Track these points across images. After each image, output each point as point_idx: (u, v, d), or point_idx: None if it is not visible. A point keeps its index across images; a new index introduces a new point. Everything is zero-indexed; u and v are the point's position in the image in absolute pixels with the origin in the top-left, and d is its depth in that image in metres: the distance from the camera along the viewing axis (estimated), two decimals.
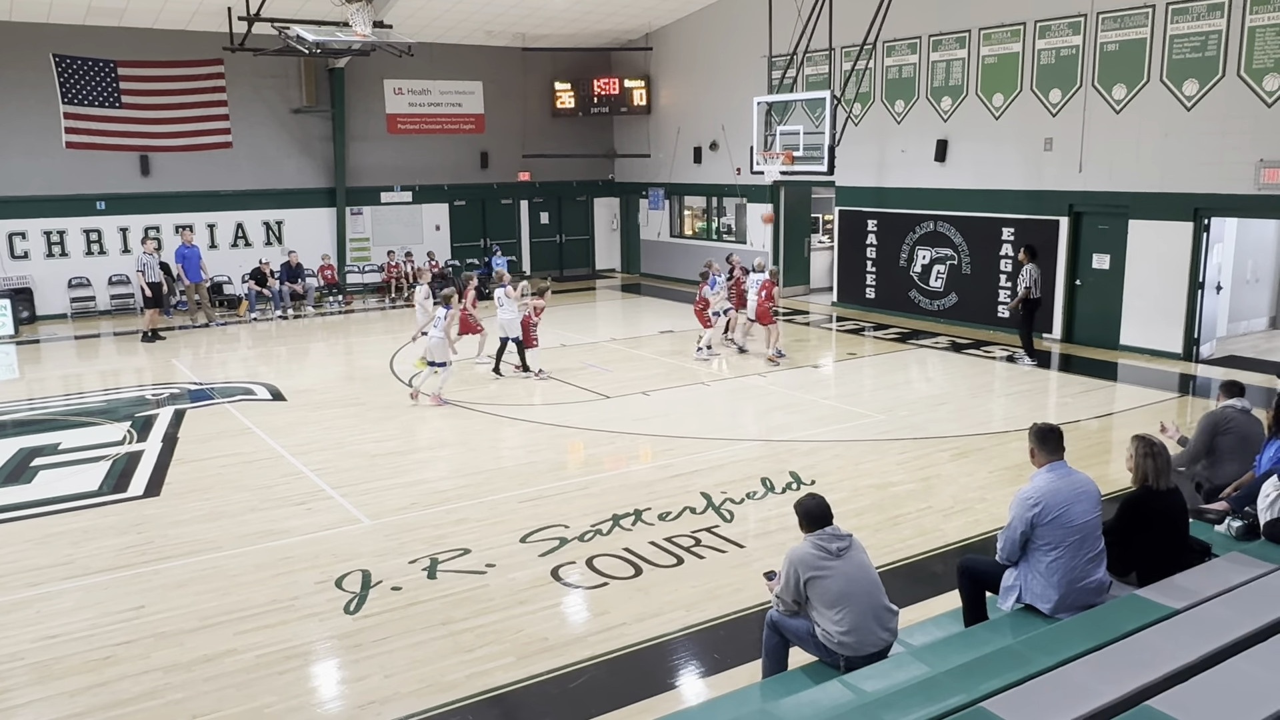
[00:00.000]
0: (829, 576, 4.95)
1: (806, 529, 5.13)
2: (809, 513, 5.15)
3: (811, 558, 5.00)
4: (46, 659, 6.21)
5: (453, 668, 6.02)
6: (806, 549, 5.06)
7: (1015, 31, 16.07)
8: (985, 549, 7.24)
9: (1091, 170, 15.14)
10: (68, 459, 10.52)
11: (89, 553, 7.94)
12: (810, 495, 5.27)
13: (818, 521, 5.10)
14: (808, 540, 5.09)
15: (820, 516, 5.11)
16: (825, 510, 5.13)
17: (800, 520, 5.16)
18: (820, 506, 5.16)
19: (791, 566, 5.06)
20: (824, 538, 5.05)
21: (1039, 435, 5.33)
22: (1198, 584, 5.19)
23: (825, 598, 4.94)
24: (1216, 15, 13.43)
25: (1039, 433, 5.34)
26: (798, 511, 5.19)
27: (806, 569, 4.98)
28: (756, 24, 18.68)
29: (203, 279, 19.41)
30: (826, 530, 5.07)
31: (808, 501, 5.21)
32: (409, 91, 22.96)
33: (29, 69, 18.83)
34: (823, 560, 4.98)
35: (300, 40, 15.31)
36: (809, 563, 4.99)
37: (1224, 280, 15.11)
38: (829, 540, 5.03)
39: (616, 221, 26.60)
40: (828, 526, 5.08)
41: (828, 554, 5.00)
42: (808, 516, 5.14)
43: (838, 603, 4.91)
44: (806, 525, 5.13)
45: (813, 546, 5.04)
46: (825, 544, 5.02)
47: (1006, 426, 11.25)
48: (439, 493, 9.22)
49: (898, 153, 18.31)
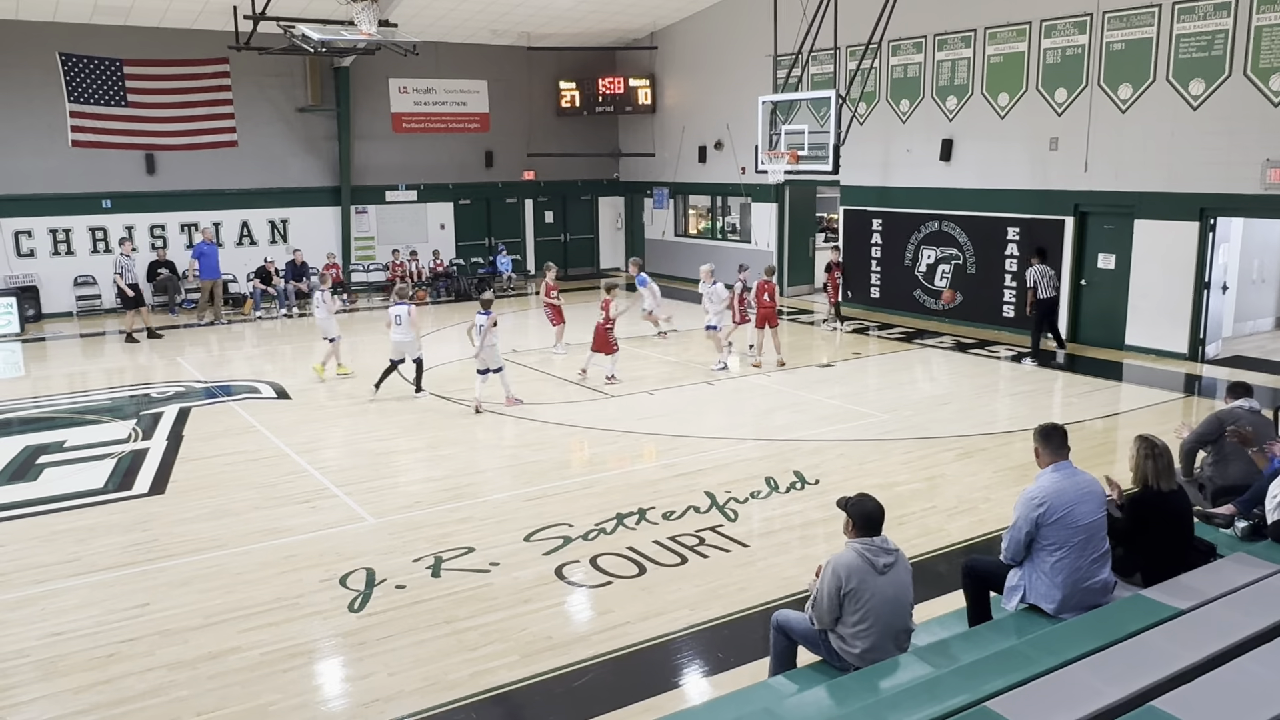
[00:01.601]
0: (869, 591, 4.66)
1: (858, 531, 4.78)
2: (867, 516, 4.78)
3: (858, 566, 4.67)
4: (51, 656, 6.22)
5: (456, 666, 6.02)
6: (853, 557, 4.71)
7: (1021, 31, 16.04)
8: (989, 549, 7.25)
9: (1097, 170, 15.10)
10: (73, 457, 10.54)
11: (94, 550, 7.95)
12: (866, 496, 4.91)
13: (873, 527, 4.77)
14: (854, 547, 4.76)
15: (876, 521, 4.78)
16: (881, 515, 4.81)
17: (852, 522, 4.81)
18: (879, 510, 4.81)
19: (834, 574, 4.69)
20: (872, 549, 4.72)
21: (1044, 435, 5.30)
22: (1203, 584, 5.18)
23: (856, 611, 4.67)
24: (1223, 14, 13.39)
25: (1044, 432, 5.31)
26: (851, 511, 4.83)
27: (850, 577, 4.66)
28: (762, 23, 18.67)
29: (219, 276, 19.45)
30: (876, 541, 4.76)
31: (867, 504, 4.83)
32: (414, 90, 22.98)
33: (35, 67, 18.88)
34: (868, 573, 4.67)
35: (305, 39, 15.33)
36: (854, 571, 4.66)
37: (1230, 280, 15.08)
38: (877, 553, 4.71)
39: (621, 220, 26.60)
40: (878, 535, 4.78)
41: (873, 569, 4.68)
42: (864, 520, 4.78)
43: (865, 619, 4.67)
44: (860, 528, 4.77)
45: (858, 556, 4.71)
46: (873, 556, 4.70)
47: (1011, 427, 11.23)
48: (443, 491, 9.23)
49: (903, 152, 18.29)
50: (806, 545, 7.95)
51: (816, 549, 7.77)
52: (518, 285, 23.77)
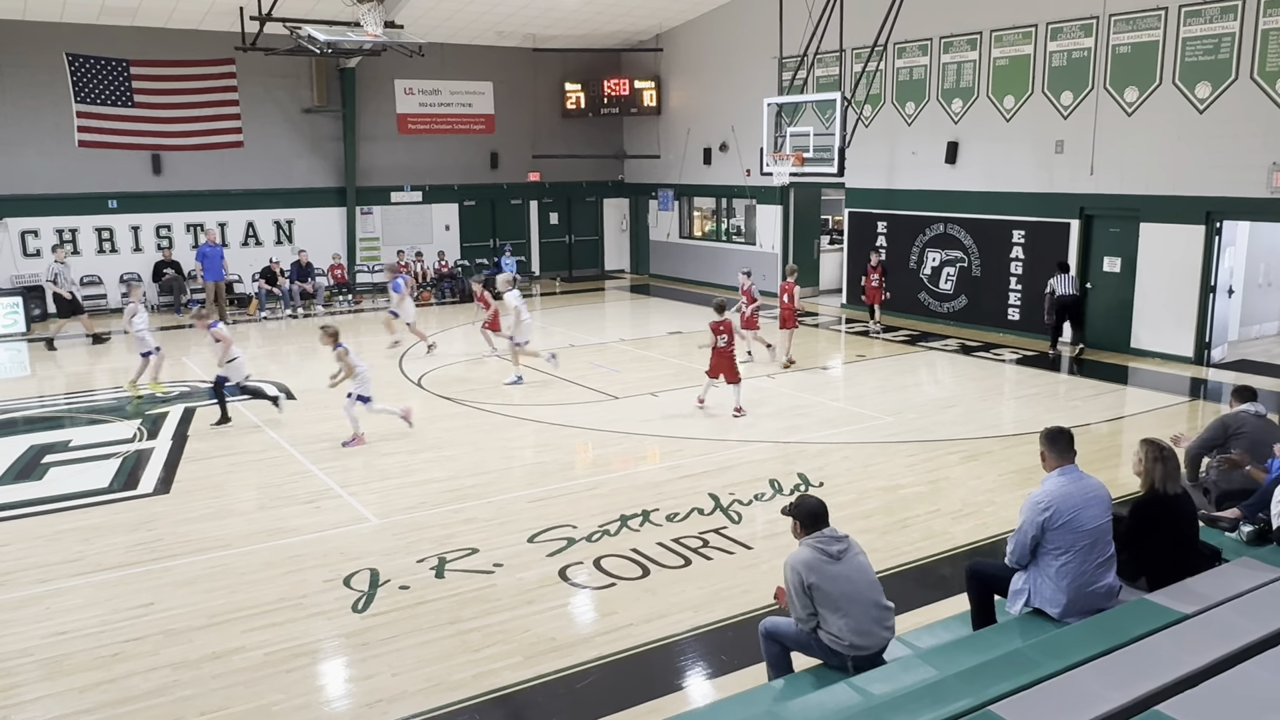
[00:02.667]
0: (831, 579, 4.87)
1: (806, 530, 5.04)
2: (811, 512, 5.06)
3: (814, 560, 4.92)
4: (56, 655, 6.23)
5: (460, 667, 6.02)
6: (806, 552, 4.97)
7: (1027, 33, 16.02)
8: (994, 552, 7.23)
9: (1103, 173, 15.08)
10: (78, 456, 10.56)
11: (99, 550, 7.97)
12: (807, 495, 5.20)
13: (819, 521, 5.02)
14: (806, 543, 5.01)
15: (821, 516, 5.04)
16: (824, 510, 5.07)
17: (800, 521, 5.06)
18: (821, 506, 5.08)
19: (794, 572, 4.94)
20: (823, 540, 4.97)
21: (1050, 438, 5.29)
22: (1208, 589, 5.16)
23: (828, 601, 4.87)
24: (1230, 18, 13.37)
25: (1050, 436, 5.30)
26: (797, 513, 5.09)
27: (810, 572, 4.89)
28: (767, 25, 18.66)
29: (223, 278, 19.47)
30: (825, 532, 5.00)
31: (809, 501, 5.12)
32: (419, 91, 23.01)
33: (42, 68, 18.93)
34: (824, 563, 4.91)
35: (312, 40, 15.34)
36: (811, 565, 4.90)
37: (1236, 284, 15.04)
38: (828, 542, 4.96)
39: (626, 222, 26.61)
40: (825, 528, 5.01)
41: (829, 557, 4.92)
42: (810, 516, 5.05)
43: (841, 605, 4.86)
44: (807, 525, 5.04)
45: (812, 550, 4.95)
46: (825, 546, 4.94)
47: (1016, 430, 11.21)
48: (447, 492, 9.23)
49: (908, 154, 18.27)
50: None
51: None
52: (523, 287, 23.75)
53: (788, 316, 14.47)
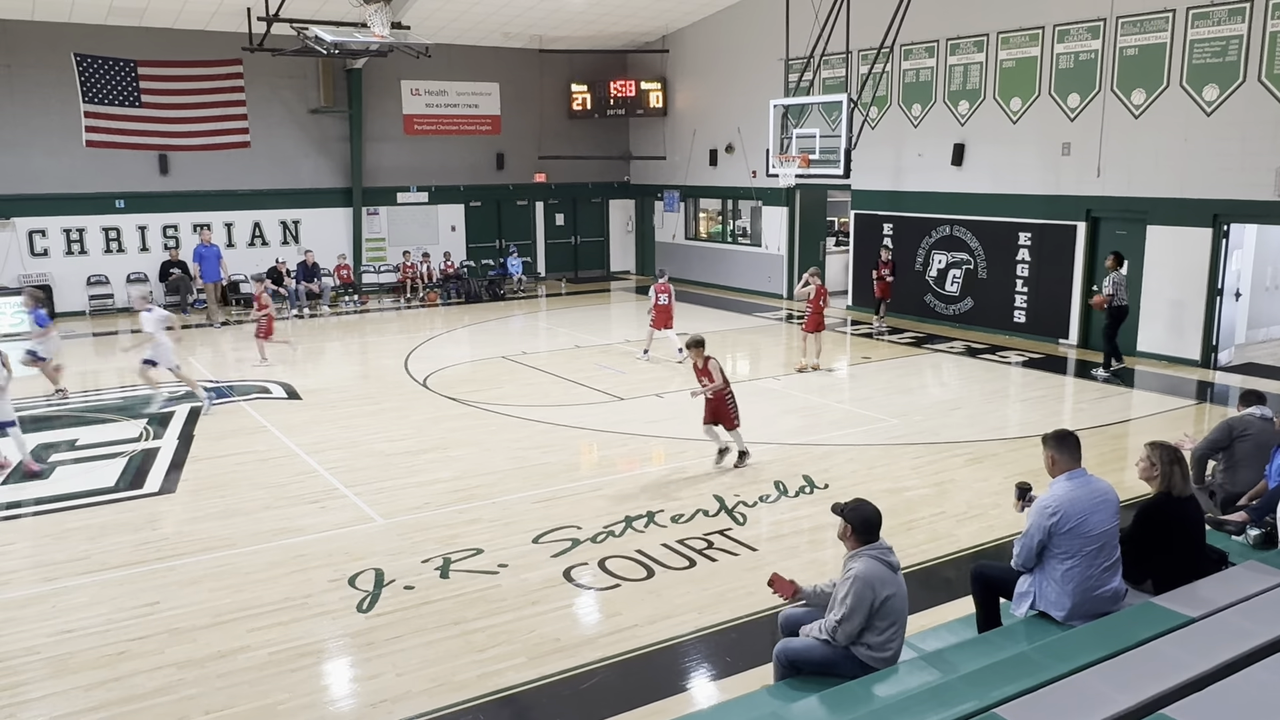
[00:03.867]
0: (894, 595, 4.70)
1: (861, 540, 4.78)
2: (868, 521, 4.79)
3: (885, 574, 4.68)
4: (62, 653, 6.25)
5: (464, 667, 6.03)
6: (877, 566, 4.70)
7: (1034, 35, 16.00)
8: (999, 555, 7.21)
9: (1110, 175, 15.04)
10: (85, 455, 10.60)
11: (105, 548, 7.99)
12: (863, 500, 4.93)
13: (875, 531, 4.80)
14: (869, 555, 4.74)
15: (877, 526, 4.82)
16: (880, 520, 4.85)
17: (854, 529, 4.81)
18: (877, 515, 4.83)
19: (866, 586, 4.65)
20: (883, 552, 4.77)
21: (1057, 442, 5.23)
22: (1214, 592, 5.15)
23: (891, 614, 4.68)
24: (1237, 20, 13.33)
25: (1057, 439, 5.24)
26: (852, 518, 4.82)
27: (884, 586, 4.64)
28: (773, 27, 18.64)
29: (220, 278, 19.51)
30: (882, 543, 4.80)
31: (867, 509, 4.82)
32: (426, 92, 23.04)
33: (50, 68, 18.99)
34: (890, 577, 4.70)
35: (318, 41, 15.38)
36: (884, 580, 4.66)
37: (1243, 287, 14.99)
38: (888, 554, 4.77)
39: (631, 223, 26.61)
40: (876, 540, 4.81)
41: (891, 569, 4.73)
42: (867, 525, 4.79)
43: (895, 622, 4.71)
44: (863, 535, 4.78)
45: (877, 563, 4.71)
46: (887, 558, 4.75)
47: (1021, 432, 11.19)
48: (452, 492, 9.24)
49: (914, 156, 18.25)
50: (815, 549, 7.93)
51: (825, 553, 7.75)
52: (528, 287, 23.80)
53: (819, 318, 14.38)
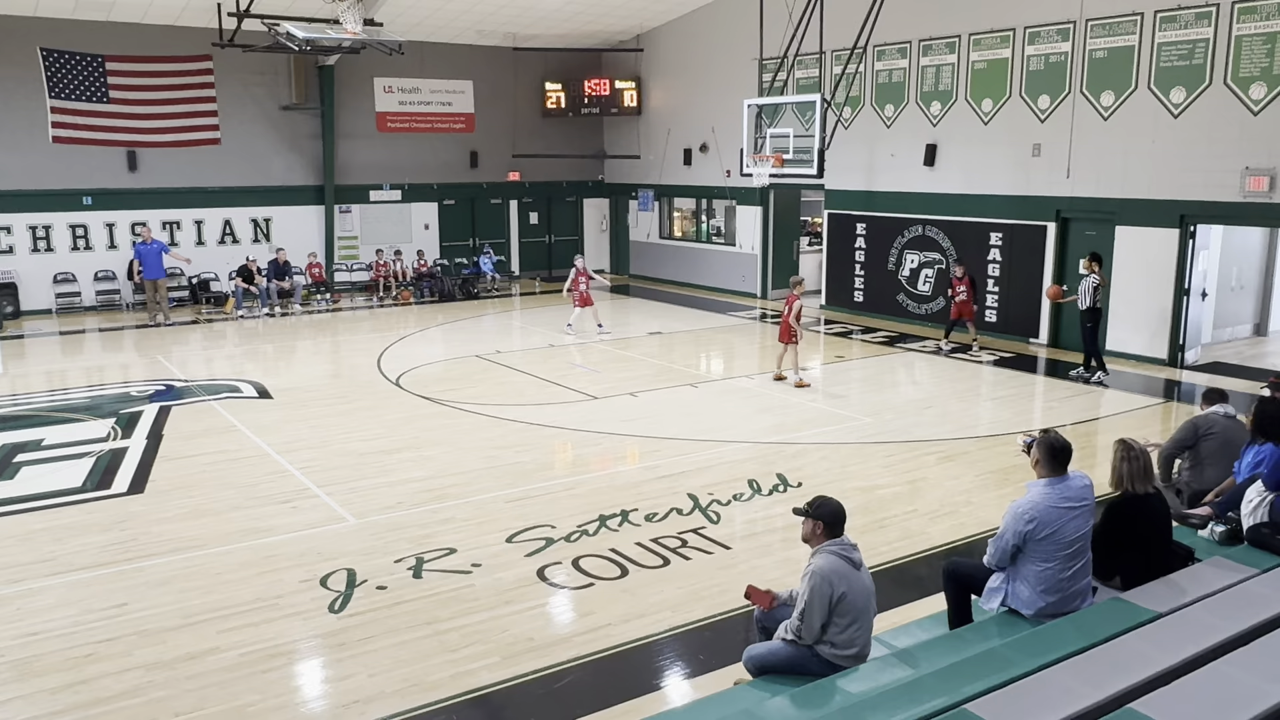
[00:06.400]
0: (856, 590, 4.69)
1: (826, 535, 4.78)
2: (835, 515, 4.80)
3: (843, 569, 4.67)
4: (27, 656, 6.16)
5: (437, 667, 6.00)
6: (835, 561, 4.69)
7: (1005, 37, 16.14)
8: (971, 552, 7.27)
9: (1079, 176, 15.21)
10: (51, 455, 10.45)
11: (71, 549, 7.88)
12: (827, 497, 4.93)
13: (840, 526, 4.81)
14: (829, 551, 4.74)
15: (842, 520, 4.83)
16: (844, 514, 4.87)
17: (822, 522, 4.82)
18: (843, 510, 4.86)
19: (824, 581, 4.64)
20: (845, 547, 4.77)
21: (1050, 452, 5.11)
22: (1181, 588, 5.23)
23: (851, 612, 4.67)
24: (1204, 23, 13.52)
25: (1051, 450, 5.11)
26: (818, 515, 4.84)
27: (841, 581, 4.64)
28: (747, 26, 18.71)
29: (163, 275, 19.12)
30: (845, 539, 4.81)
31: (832, 504, 4.85)
32: (399, 90, 22.90)
33: (16, 63, 18.68)
34: (851, 572, 4.70)
35: (290, 37, 15.24)
36: (842, 574, 4.65)
37: (1209, 287, 15.20)
38: (849, 550, 4.77)
39: (606, 222, 26.59)
40: (841, 535, 4.83)
41: (852, 565, 4.72)
42: (834, 519, 4.79)
43: (859, 617, 4.69)
44: (828, 530, 4.77)
45: (838, 558, 4.70)
46: (848, 554, 4.75)
47: (993, 430, 11.29)
48: (425, 492, 9.19)
49: (887, 156, 18.36)
50: (788, 548, 7.95)
51: (798, 552, 7.71)
52: (501, 286, 23.73)
53: (786, 329, 13.31)
